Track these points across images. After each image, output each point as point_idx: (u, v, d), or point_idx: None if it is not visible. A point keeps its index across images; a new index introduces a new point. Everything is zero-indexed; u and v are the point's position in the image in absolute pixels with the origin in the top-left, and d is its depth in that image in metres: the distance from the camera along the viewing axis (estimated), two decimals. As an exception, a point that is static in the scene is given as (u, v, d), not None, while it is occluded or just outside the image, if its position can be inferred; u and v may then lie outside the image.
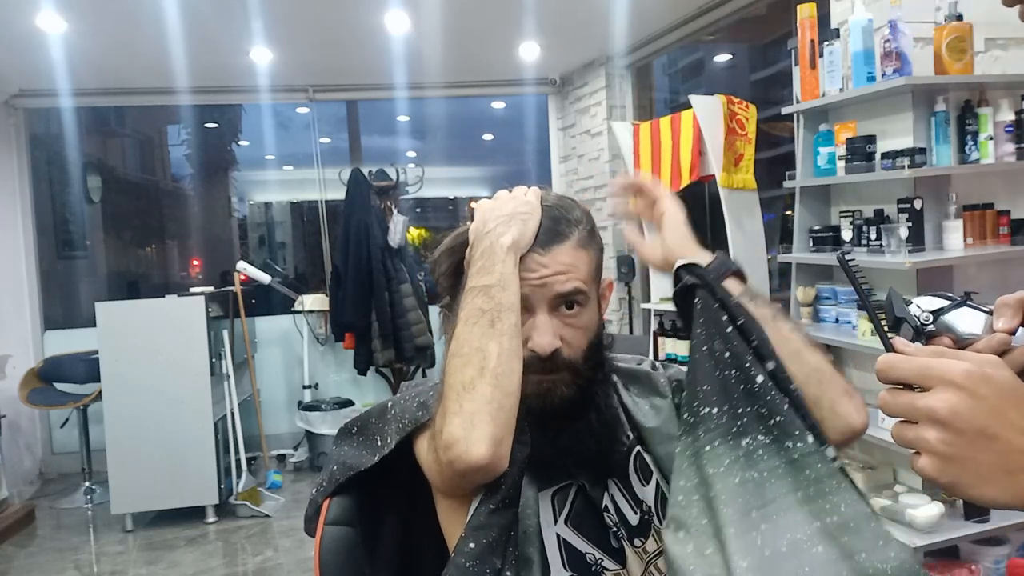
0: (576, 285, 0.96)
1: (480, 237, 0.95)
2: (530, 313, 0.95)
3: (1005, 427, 0.54)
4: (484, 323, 0.90)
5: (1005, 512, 2.24)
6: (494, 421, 0.86)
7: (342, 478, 1.04)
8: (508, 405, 0.88)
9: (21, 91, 4.72)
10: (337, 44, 4.20)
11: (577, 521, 0.97)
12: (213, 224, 7.09)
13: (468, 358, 0.89)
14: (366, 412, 1.09)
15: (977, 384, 0.54)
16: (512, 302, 0.91)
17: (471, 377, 0.88)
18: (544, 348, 0.93)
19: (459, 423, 0.86)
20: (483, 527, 0.90)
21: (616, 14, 3.74)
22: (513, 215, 0.96)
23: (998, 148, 2.32)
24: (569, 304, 0.96)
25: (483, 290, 0.91)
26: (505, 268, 0.92)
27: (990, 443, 0.54)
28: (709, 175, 3.29)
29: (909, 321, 0.75)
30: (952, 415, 0.54)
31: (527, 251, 0.95)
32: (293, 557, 3.48)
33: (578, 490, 0.98)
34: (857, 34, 2.36)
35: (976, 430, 0.54)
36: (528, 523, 0.93)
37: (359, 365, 4.78)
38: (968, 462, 0.54)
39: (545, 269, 0.95)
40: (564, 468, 0.99)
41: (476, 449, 0.85)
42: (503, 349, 0.89)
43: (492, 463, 0.86)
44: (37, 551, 3.72)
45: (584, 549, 0.96)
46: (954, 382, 0.54)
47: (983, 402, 0.54)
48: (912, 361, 0.57)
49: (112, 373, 3.82)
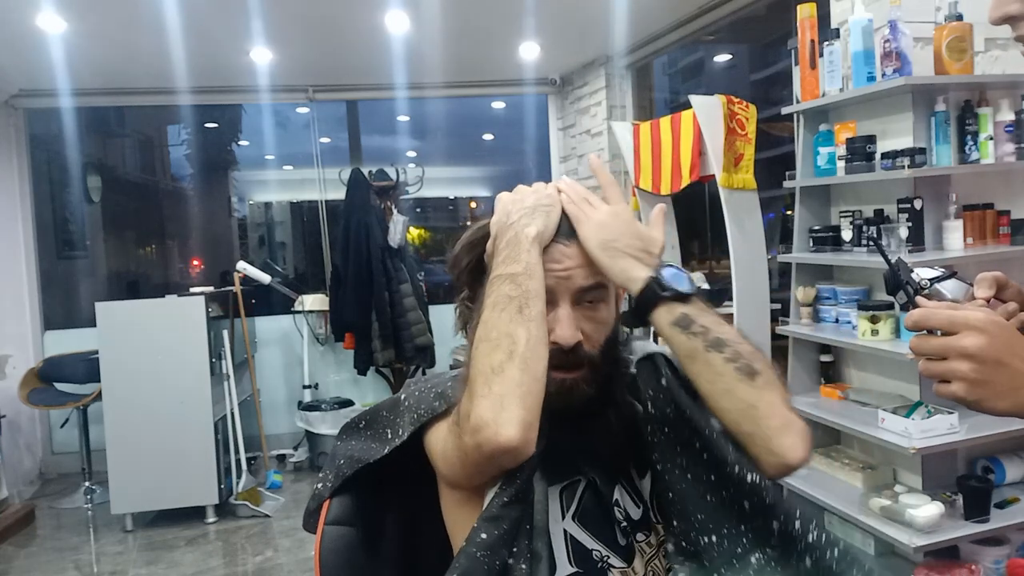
0: (599, 279, 0.97)
1: (504, 228, 0.97)
2: (552, 306, 0.96)
3: (1012, 357, 0.74)
4: (512, 309, 0.90)
5: (1005, 512, 2.24)
6: (523, 404, 0.86)
7: (349, 471, 1.04)
8: (536, 390, 0.88)
9: (21, 91, 4.72)
10: (337, 44, 4.20)
11: (585, 517, 0.97)
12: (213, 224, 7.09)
13: (497, 343, 0.89)
14: (375, 406, 1.09)
15: (993, 327, 0.75)
16: (538, 290, 0.92)
17: (500, 361, 0.88)
18: (567, 340, 0.94)
19: (488, 405, 0.86)
20: (496, 519, 0.90)
21: (616, 14, 3.74)
22: (536, 207, 0.97)
23: (998, 148, 2.32)
24: (590, 298, 0.97)
25: (510, 278, 0.92)
26: (531, 257, 0.93)
27: (1004, 368, 0.74)
28: (709, 175, 3.28)
29: (911, 284, 0.92)
30: (979, 350, 0.74)
31: (551, 242, 0.97)
32: (293, 557, 3.48)
33: (587, 486, 0.98)
34: (857, 34, 2.36)
35: (994, 360, 0.74)
36: (538, 518, 0.93)
37: (359, 365, 4.78)
38: (988, 384, 0.74)
39: (570, 260, 0.96)
40: (574, 464, 0.99)
41: (506, 431, 0.85)
42: (531, 335, 0.89)
43: (521, 445, 0.86)
44: (37, 551, 3.72)
45: (591, 546, 0.96)
46: (977, 326, 0.75)
47: (997, 339, 0.74)
48: (942, 312, 0.78)
49: (112, 373, 3.82)
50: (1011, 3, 0.80)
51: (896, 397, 2.45)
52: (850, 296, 2.57)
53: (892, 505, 2.23)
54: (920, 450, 2.13)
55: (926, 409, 2.21)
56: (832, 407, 2.57)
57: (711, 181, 3.28)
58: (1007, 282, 0.96)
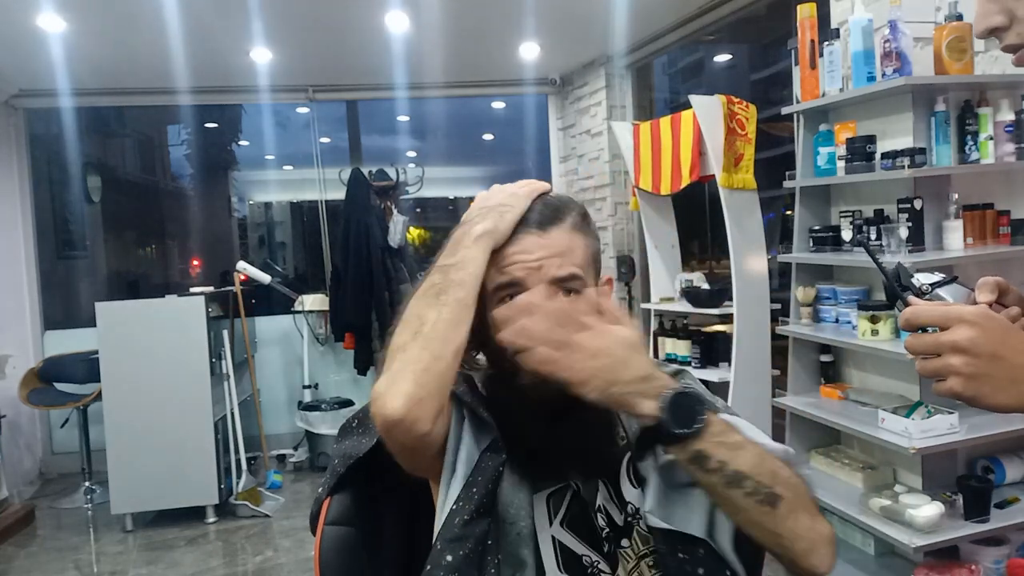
0: (572, 270, 0.96)
1: (459, 226, 0.99)
2: None
3: (1008, 349, 0.73)
4: (431, 295, 0.93)
5: (1005, 512, 2.24)
6: (415, 380, 0.87)
7: (343, 469, 1.04)
8: (436, 369, 0.88)
9: (21, 91, 4.72)
10: (337, 44, 4.20)
11: (574, 524, 0.96)
12: (213, 224, 7.09)
13: (407, 323, 0.92)
14: (367, 405, 1.09)
15: (985, 320, 0.74)
16: (464, 280, 0.93)
17: (405, 340, 0.90)
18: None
19: (384, 380, 0.88)
20: (458, 539, 0.89)
21: (616, 14, 3.75)
22: (494, 208, 0.99)
23: (998, 148, 2.32)
24: (566, 291, 0.97)
25: (440, 269, 0.94)
26: (468, 253, 0.94)
27: (1000, 362, 0.72)
28: (709, 175, 3.29)
29: (912, 289, 0.92)
30: (971, 343, 0.72)
31: (523, 232, 0.97)
32: (293, 557, 3.48)
33: (574, 492, 0.98)
34: (857, 34, 2.36)
35: (988, 353, 0.72)
36: (521, 525, 0.93)
37: (359, 365, 4.78)
38: (985, 378, 0.73)
39: (542, 251, 0.96)
40: (559, 469, 0.98)
41: (392, 402, 0.85)
42: (440, 317, 0.90)
43: (405, 419, 0.86)
44: (37, 551, 3.72)
45: (581, 551, 0.95)
46: (968, 320, 0.73)
47: (991, 332, 0.73)
48: (934, 308, 0.78)
49: (112, 373, 3.82)
50: (994, 15, 0.79)
51: (896, 397, 2.45)
52: (850, 296, 2.57)
53: (892, 505, 2.23)
54: (920, 450, 2.13)
55: (926, 409, 2.21)
56: (832, 407, 2.57)
57: (711, 181, 3.28)
58: (1008, 287, 0.95)
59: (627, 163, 3.92)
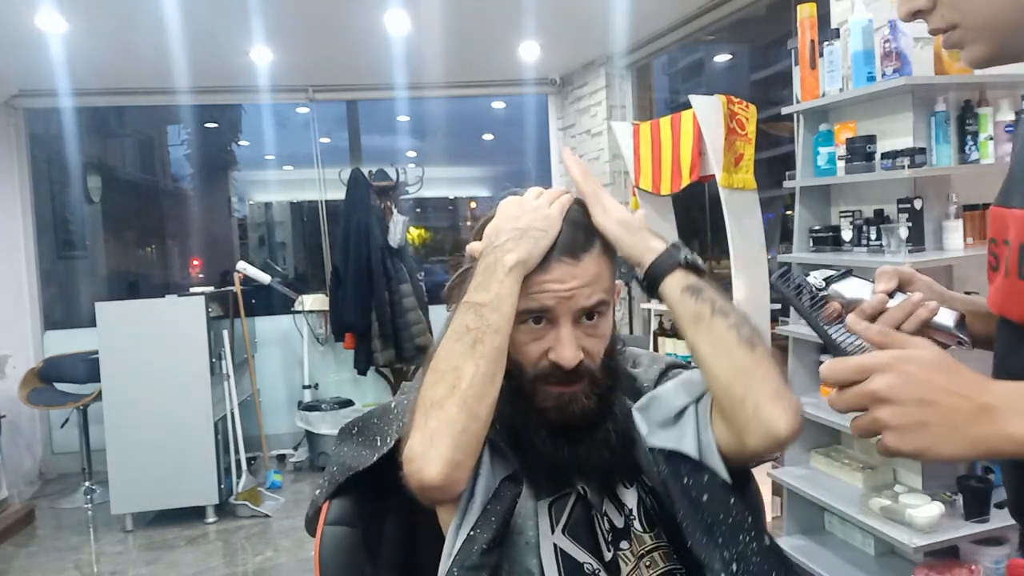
0: (600, 297, 0.95)
1: (488, 250, 0.94)
2: (552, 324, 0.94)
3: (936, 392, 0.63)
4: (467, 342, 0.89)
5: (1005, 512, 2.24)
6: (455, 443, 0.85)
7: (341, 479, 1.04)
8: (473, 430, 0.87)
9: (21, 91, 4.72)
10: (337, 44, 4.20)
11: (575, 530, 0.96)
12: (213, 224, 7.09)
13: (443, 375, 0.89)
14: (368, 412, 1.09)
15: (902, 363, 0.64)
16: (500, 325, 0.90)
17: (441, 395, 0.87)
18: (569, 361, 0.92)
19: (420, 439, 0.86)
20: (476, 568, 0.88)
21: (616, 14, 3.74)
22: (527, 231, 0.93)
23: (998, 148, 2.32)
24: (590, 315, 0.95)
25: (474, 307, 0.90)
26: (503, 288, 0.90)
27: (931, 407, 0.63)
28: (709, 175, 3.28)
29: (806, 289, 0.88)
30: (890, 390, 0.63)
31: (554, 260, 0.93)
32: (293, 557, 3.48)
33: (577, 498, 0.97)
34: (857, 34, 2.36)
35: (915, 399, 0.63)
36: (530, 534, 0.92)
37: (359, 365, 4.79)
38: (921, 428, 0.63)
39: (575, 280, 0.93)
40: (564, 477, 0.97)
41: (430, 468, 0.84)
42: (478, 372, 0.88)
43: (445, 485, 0.85)
44: (37, 551, 3.72)
45: (582, 559, 0.94)
46: (883, 367, 0.64)
47: (911, 376, 0.64)
48: (845, 362, 0.67)
49: (112, 373, 3.82)
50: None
51: (896, 397, 2.44)
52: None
53: (892, 505, 2.23)
54: (920, 450, 2.12)
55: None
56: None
57: (711, 181, 3.28)
58: (914, 276, 0.91)
59: (627, 163, 3.92)
